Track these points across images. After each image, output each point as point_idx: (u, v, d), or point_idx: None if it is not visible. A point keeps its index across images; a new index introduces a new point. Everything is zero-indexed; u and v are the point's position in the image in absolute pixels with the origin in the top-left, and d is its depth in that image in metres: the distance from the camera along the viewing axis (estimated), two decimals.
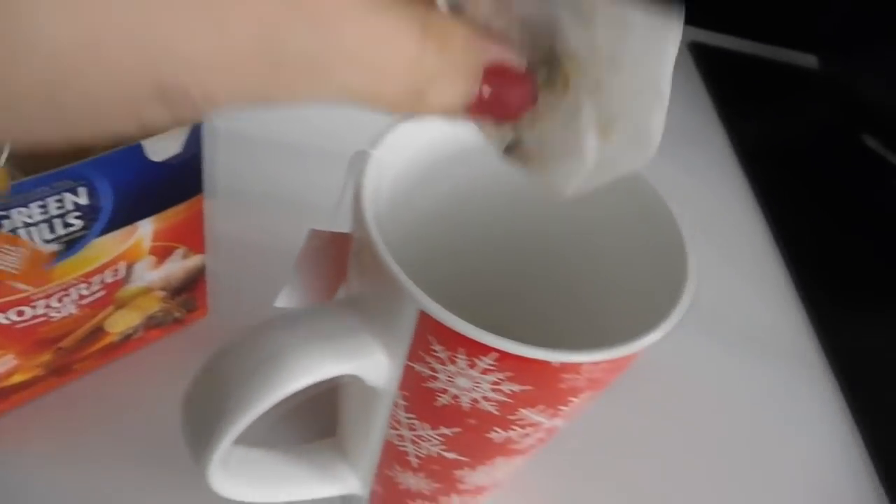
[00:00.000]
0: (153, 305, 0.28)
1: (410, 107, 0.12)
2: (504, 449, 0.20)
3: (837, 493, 0.34)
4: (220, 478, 0.18)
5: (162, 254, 0.26)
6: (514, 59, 0.13)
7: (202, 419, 0.17)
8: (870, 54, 0.51)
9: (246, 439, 0.22)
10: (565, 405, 0.18)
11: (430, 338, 0.16)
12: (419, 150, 0.21)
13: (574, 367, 0.16)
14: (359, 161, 0.18)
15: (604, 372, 0.17)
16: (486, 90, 0.12)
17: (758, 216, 0.48)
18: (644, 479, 0.32)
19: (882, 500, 0.34)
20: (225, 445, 0.16)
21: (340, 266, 0.20)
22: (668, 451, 0.33)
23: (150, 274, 0.27)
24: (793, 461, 0.35)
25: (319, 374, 0.17)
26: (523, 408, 0.18)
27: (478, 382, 0.17)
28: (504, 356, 0.16)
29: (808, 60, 0.60)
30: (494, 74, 0.12)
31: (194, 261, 0.28)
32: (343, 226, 0.19)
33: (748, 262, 0.44)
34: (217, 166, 0.35)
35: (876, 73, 0.50)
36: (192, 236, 0.27)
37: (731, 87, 0.58)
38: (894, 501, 0.34)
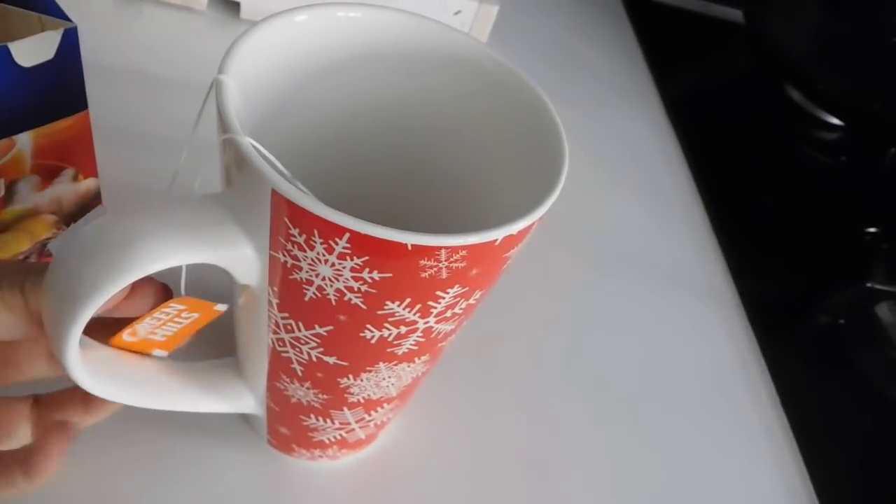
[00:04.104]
0: (44, 230, 0.27)
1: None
2: (382, 353, 0.20)
3: (741, 415, 0.35)
4: (82, 370, 0.18)
5: (47, 173, 0.26)
6: None
7: (56, 304, 0.16)
8: (789, 9, 0.52)
9: None
10: (435, 301, 0.18)
11: (286, 221, 0.16)
12: (282, 62, 0.21)
13: (429, 252, 0.16)
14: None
15: (466, 262, 0.17)
16: None
17: (682, 163, 0.49)
18: (557, 406, 0.33)
19: (785, 428, 0.35)
20: (78, 328, 0.16)
21: None
22: (580, 379, 0.34)
23: (36, 196, 0.26)
24: (705, 388, 0.36)
25: (174, 260, 0.16)
26: (390, 301, 0.18)
27: (339, 271, 0.17)
28: (357, 237, 0.16)
29: (735, 14, 0.61)
30: None
31: (87, 185, 0.27)
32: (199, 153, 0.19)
33: (672, 207, 0.45)
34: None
35: (795, 27, 0.51)
36: (80, 156, 0.26)
37: (662, 39, 0.59)
38: (794, 426, 0.35)
